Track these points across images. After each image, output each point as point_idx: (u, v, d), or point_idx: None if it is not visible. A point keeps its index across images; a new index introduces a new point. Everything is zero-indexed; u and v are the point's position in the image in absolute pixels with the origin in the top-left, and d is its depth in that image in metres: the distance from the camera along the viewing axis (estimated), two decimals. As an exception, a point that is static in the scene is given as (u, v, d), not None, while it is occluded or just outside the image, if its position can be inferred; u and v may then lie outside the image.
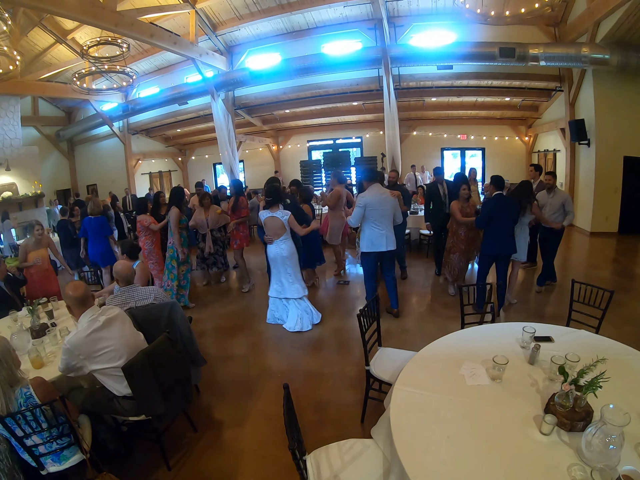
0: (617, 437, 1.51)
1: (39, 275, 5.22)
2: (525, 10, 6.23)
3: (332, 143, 15.79)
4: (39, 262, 5.17)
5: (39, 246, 5.35)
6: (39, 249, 5.33)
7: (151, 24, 8.70)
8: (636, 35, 7.46)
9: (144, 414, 2.59)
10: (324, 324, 5.05)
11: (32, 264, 5.10)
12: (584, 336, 2.65)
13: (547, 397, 1.92)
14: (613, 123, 8.67)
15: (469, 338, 2.67)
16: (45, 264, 5.34)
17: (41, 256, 5.26)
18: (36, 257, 5.16)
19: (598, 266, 7.00)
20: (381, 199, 4.57)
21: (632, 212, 9.01)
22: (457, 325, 3.25)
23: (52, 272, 5.50)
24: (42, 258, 5.26)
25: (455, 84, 11.27)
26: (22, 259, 5.22)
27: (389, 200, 4.60)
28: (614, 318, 4.25)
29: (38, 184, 11.12)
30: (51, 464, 2.25)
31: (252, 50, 11.83)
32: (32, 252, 5.24)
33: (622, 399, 1.79)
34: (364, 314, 2.88)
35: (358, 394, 3.41)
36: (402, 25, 10.20)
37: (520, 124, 13.43)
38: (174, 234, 5.50)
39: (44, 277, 5.28)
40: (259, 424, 3.20)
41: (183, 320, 3.22)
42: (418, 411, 1.92)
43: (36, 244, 5.33)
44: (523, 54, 8.53)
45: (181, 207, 5.66)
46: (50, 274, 5.45)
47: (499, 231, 4.71)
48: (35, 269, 5.19)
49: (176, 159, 17.91)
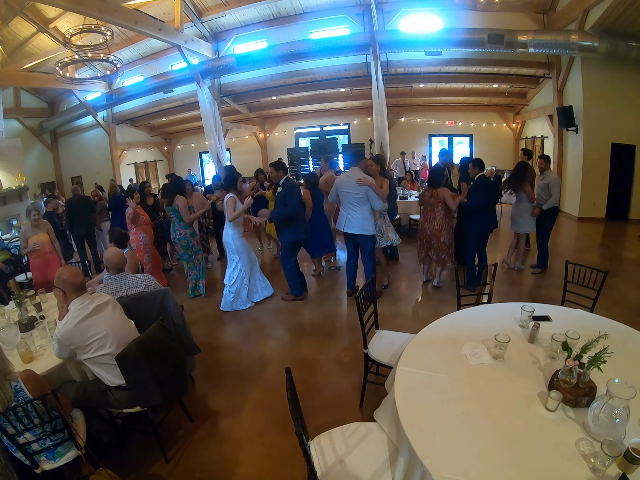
0: (622, 411, 1.51)
1: (42, 259, 5.23)
2: (515, -4, 6.19)
3: (319, 130, 15.66)
4: (37, 247, 5.16)
5: (37, 231, 5.30)
6: (37, 233, 5.28)
7: (135, 10, 8.46)
8: (625, 24, 7.48)
9: (139, 405, 2.53)
10: (316, 309, 5.04)
11: (31, 249, 5.13)
12: (581, 315, 2.67)
13: (549, 374, 1.92)
14: (601, 110, 8.74)
15: (468, 319, 2.67)
16: (46, 248, 5.31)
17: (40, 240, 5.23)
18: (34, 241, 5.13)
19: (586, 250, 7.09)
20: (347, 183, 4.73)
21: (619, 198, 9.13)
22: (451, 308, 3.25)
23: (54, 256, 5.42)
24: (41, 242, 5.23)
25: (443, 70, 11.23)
26: (23, 246, 5.27)
27: (352, 185, 4.67)
28: (604, 300, 4.26)
29: (22, 177, 10.85)
30: (45, 462, 2.17)
31: (238, 37, 11.63)
32: (31, 237, 5.21)
33: (622, 375, 1.78)
34: (361, 297, 2.85)
35: (355, 378, 3.41)
36: (390, 11, 10.09)
37: (508, 110, 13.49)
38: (190, 218, 5.45)
39: (45, 262, 5.27)
40: (256, 412, 3.17)
41: (176, 308, 3.15)
42: (423, 392, 1.90)
43: (34, 229, 5.28)
44: (512, 40, 8.49)
45: (185, 194, 5.62)
46: (53, 259, 5.37)
47: (492, 208, 5.17)
48: (37, 253, 5.20)
49: (162, 148, 17.64)
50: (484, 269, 3.48)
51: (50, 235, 5.47)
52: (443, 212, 5.19)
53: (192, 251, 5.53)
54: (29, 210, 5.34)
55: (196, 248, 5.58)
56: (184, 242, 5.47)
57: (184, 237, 5.46)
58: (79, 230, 7.06)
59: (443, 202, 5.12)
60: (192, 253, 5.54)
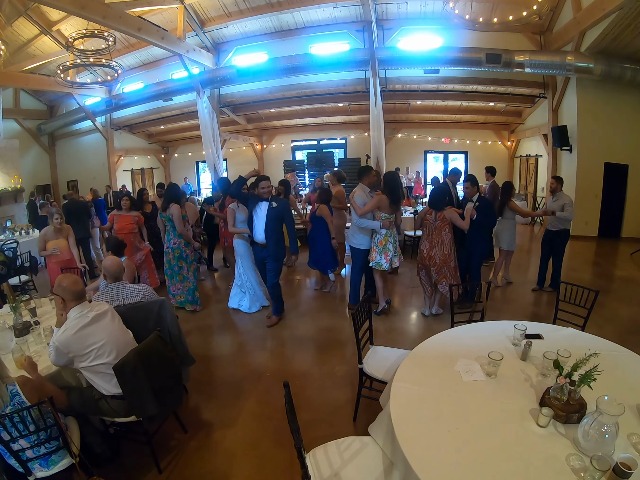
0: (612, 427, 1.56)
1: (60, 265, 5.14)
2: (513, 17, 6.36)
3: (316, 144, 15.77)
4: (57, 252, 5.16)
5: (59, 235, 5.27)
6: (58, 238, 5.25)
7: (139, 18, 8.57)
8: (620, 46, 7.69)
9: (135, 415, 2.53)
10: (311, 323, 5.04)
11: (50, 253, 5.13)
12: (572, 334, 2.72)
13: (541, 391, 1.96)
14: (595, 130, 8.94)
15: (461, 336, 2.71)
16: (65, 254, 5.29)
17: (60, 246, 5.20)
18: (54, 246, 5.13)
19: (579, 269, 7.17)
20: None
21: (611, 217, 9.31)
22: (444, 324, 3.28)
23: (73, 263, 5.31)
24: (61, 248, 5.21)
25: (440, 88, 11.41)
26: (41, 248, 5.24)
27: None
28: (596, 318, 4.35)
29: (18, 178, 10.82)
30: (39, 469, 2.15)
31: (239, 49, 11.78)
32: (50, 241, 5.20)
33: (612, 392, 1.83)
34: (358, 312, 2.88)
35: (348, 392, 3.42)
36: (390, 28, 10.30)
37: (503, 128, 13.70)
38: (183, 230, 5.24)
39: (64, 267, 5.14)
40: (249, 424, 3.16)
41: (172, 319, 3.15)
42: (418, 407, 1.94)
43: (56, 233, 5.25)
44: (509, 60, 8.71)
45: (180, 203, 5.38)
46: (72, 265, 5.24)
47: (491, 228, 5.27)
48: (56, 258, 5.20)
49: (159, 156, 17.66)
50: (477, 287, 3.53)
51: (70, 241, 5.40)
52: (451, 235, 4.72)
53: (184, 262, 5.32)
54: (52, 214, 5.31)
55: (191, 258, 5.40)
56: (177, 252, 5.26)
57: (177, 246, 5.27)
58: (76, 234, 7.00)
59: (450, 224, 4.69)
60: (184, 265, 5.32)
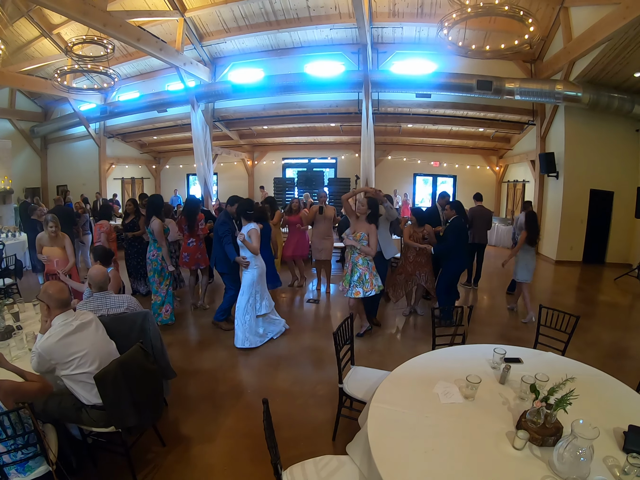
0: (586, 450, 1.59)
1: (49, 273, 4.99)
2: (505, 46, 6.57)
3: (307, 162, 15.93)
4: (46, 261, 4.96)
5: (53, 243, 5.02)
6: (52, 246, 5.02)
7: (139, 28, 8.66)
8: (608, 75, 7.98)
9: (114, 426, 2.50)
10: (294, 341, 5.02)
11: (42, 259, 4.98)
12: (552, 358, 2.77)
13: (518, 414, 1.99)
14: (581, 157, 9.20)
15: (441, 358, 2.74)
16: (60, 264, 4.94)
17: (53, 254, 4.97)
18: (47, 254, 4.95)
19: (563, 293, 7.29)
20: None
21: (596, 242, 9.52)
22: (426, 346, 3.30)
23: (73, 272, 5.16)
24: (53, 256, 4.95)
25: (432, 112, 11.66)
26: (38, 251, 5.11)
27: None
28: (578, 342, 4.42)
29: (8, 179, 10.70)
30: (15, 475, 2.11)
31: (235, 64, 11.95)
32: (45, 247, 5.01)
33: (588, 416, 1.87)
34: (339, 333, 2.90)
35: (329, 412, 3.40)
36: (384, 52, 10.55)
37: (492, 154, 13.99)
38: (162, 246, 5.13)
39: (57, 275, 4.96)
40: (229, 439, 3.13)
41: (155, 331, 3.14)
42: (395, 428, 1.95)
43: (50, 241, 5.01)
44: (499, 87, 8.97)
45: (161, 216, 5.24)
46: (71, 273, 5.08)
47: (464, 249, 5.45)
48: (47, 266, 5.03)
49: (150, 166, 17.64)
50: (454, 308, 3.57)
51: (68, 250, 5.11)
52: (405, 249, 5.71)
53: (158, 276, 5.21)
54: (47, 221, 5.00)
55: (167, 272, 5.24)
56: (154, 264, 5.19)
57: (155, 259, 5.18)
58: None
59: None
60: (157, 278, 5.22)
